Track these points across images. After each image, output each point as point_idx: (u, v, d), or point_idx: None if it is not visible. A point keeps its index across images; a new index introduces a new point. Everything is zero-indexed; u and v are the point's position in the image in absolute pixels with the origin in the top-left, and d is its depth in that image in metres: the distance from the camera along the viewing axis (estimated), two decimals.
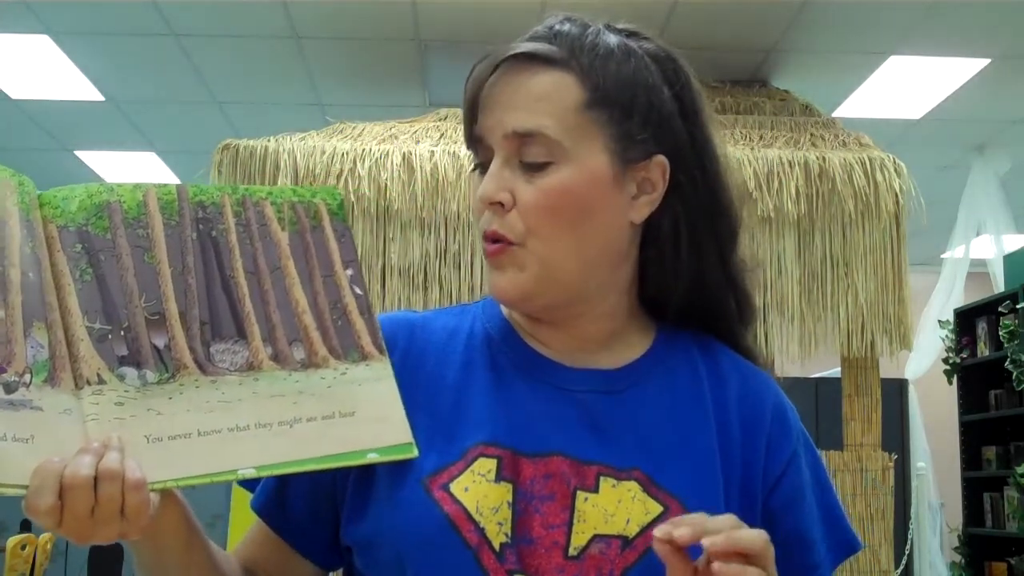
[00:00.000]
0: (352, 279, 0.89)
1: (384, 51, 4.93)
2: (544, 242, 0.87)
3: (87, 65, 5.10)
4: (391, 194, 3.83)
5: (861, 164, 3.95)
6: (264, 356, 0.83)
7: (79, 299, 0.79)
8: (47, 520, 0.71)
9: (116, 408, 0.77)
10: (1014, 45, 4.76)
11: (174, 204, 0.84)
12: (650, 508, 0.85)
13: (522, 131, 0.87)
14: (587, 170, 0.88)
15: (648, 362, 0.94)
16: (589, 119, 0.88)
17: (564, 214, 0.87)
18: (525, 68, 0.89)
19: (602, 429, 0.89)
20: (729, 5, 4.43)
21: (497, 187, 0.88)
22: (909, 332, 3.92)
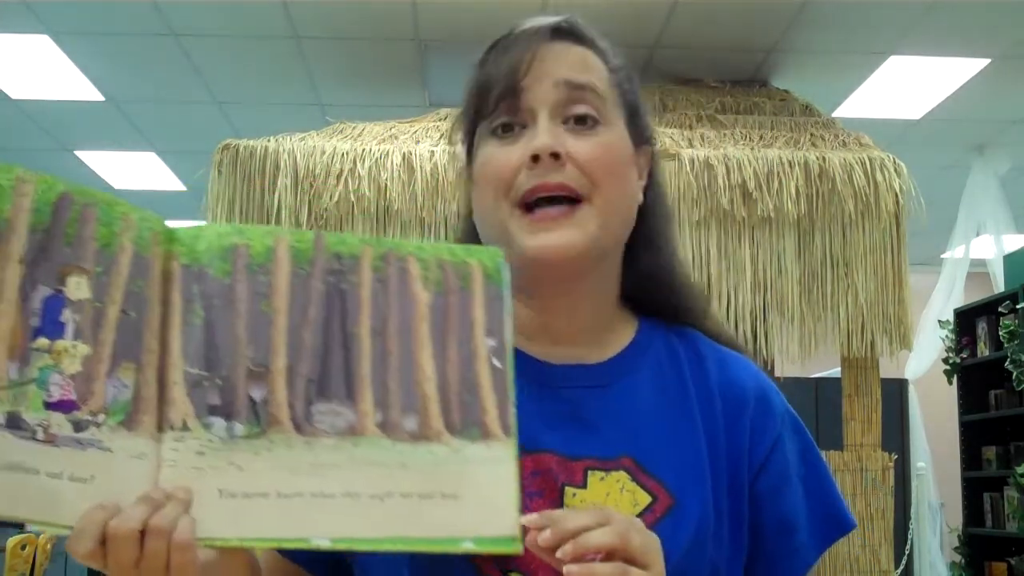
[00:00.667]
0: (493, 350, 0.81)
1: (384, 51, 4.93)
2: (606, 199, 0.88)
3: (87, 65, 5.10)
4: (391, 194, 3.83)
5: (861, 164, 3.95)
6: (370, 422, 0.77)
7: (183, 341, 0.76)
8: (90, 563, 0.70)
9: (195, 457, 0.74)
10: (1014, 45, 4.76)
11: (307, 252, 0.79)
12: (639, 499, 0.86)
13: (577, 82, 0.89)
14: (621, 136, 0.92)
15: (632, 354, 0.95)
16: (613, 92, 0.93)
17: (616, 172, 0.89)
18: (563, 40, 0.92)
19: (589, 423, 0.89)
20: (729, 5, 4.43)
21: (554, 139, 0.87)
22: (909, 332, 3.92)
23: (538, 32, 0.91)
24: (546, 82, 0.89)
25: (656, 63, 4.84)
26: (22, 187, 0.73)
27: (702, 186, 3.86)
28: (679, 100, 4.63)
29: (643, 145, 0.96)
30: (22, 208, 0.72)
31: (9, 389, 0.70)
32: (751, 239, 3.89)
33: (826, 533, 0.96)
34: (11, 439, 0.69)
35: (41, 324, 0.72)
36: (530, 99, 0.89)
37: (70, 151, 6.34)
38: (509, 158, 0.88)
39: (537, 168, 0.87)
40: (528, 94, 0.89)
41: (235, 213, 3.84)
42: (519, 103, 0.89)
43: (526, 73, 0.89)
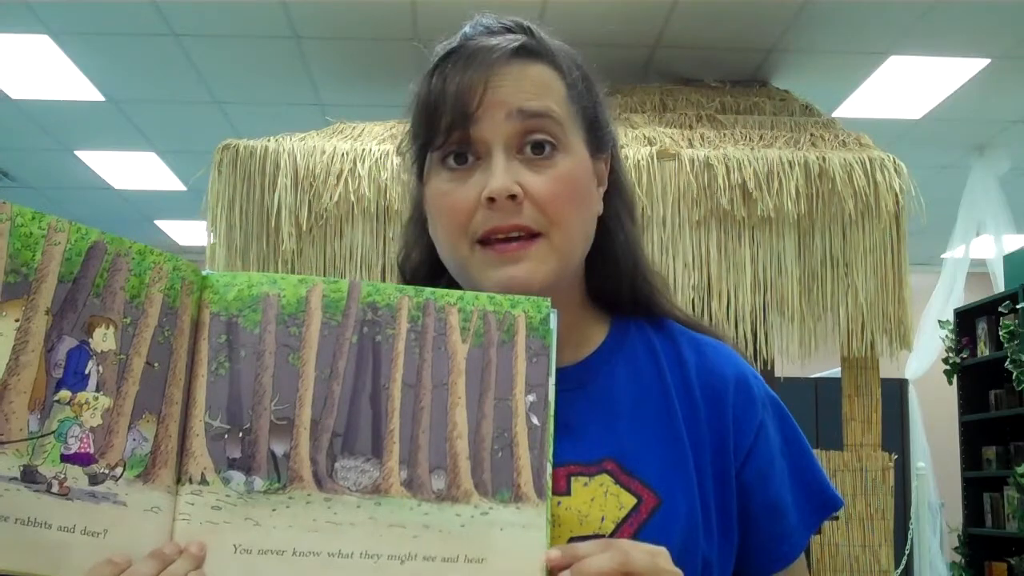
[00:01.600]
0: (532, 406, 0.78)
1: (384, 51, 4.93)
2: (564, 232, 0.87)
3: (87, 65, 5.10)
4: (391, 194, 3.83)
5: (861, 164, 3.95)
6: (396, 480, 0.75)
7: (207, 393, 0.75)
8: None
9: (211, 512, 0.73)
10: (1014, 45, 4.76)
11: (340, 302, 0.77)
12: (624, 501, 0.85)
13: (531, 111, 0.86)
14: (580, 159, 0.90)
15: (606, 352, 0.94)
16: (572, 111, 0.90)
17: (574, 203, 0.88)
18: (518, 59, 0.89)
19: (569, 427, 0.87)
20: (729, 5, 4.43)
21: (510, 179, 0.84)
22: (909, 332, 3.92)
23: (491, 53, 0.87)
24: (499, 113, 0.85)
25: (656, 63, 4.84)
26: (54, 236, 0.73)
27: (702, 186, 3.86)
28: (679, 100, 4.63)
29: (603, 153, 0.94)
30: (53, 257, 0.72)
31: (28, 441, 0.70)
32: (751, 239, 3.89)
33: (814, 514, 0.96)
34: (25, 492, 0.69)
35: (64, 376, 0.72)
36: (483, 131, 0.86)
37: (70, 151, 6.33)
38: (464, 196, 0.86)
39: (493, 209, 0.85)
40: (481, 125, 0.86)
41: (235, 213, 3.84)
42: (471, 134, 0.86)
43: (479, 104, 0.85)
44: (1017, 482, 5.22)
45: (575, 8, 4.21)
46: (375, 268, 3.81)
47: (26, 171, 6.51)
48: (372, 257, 3.82)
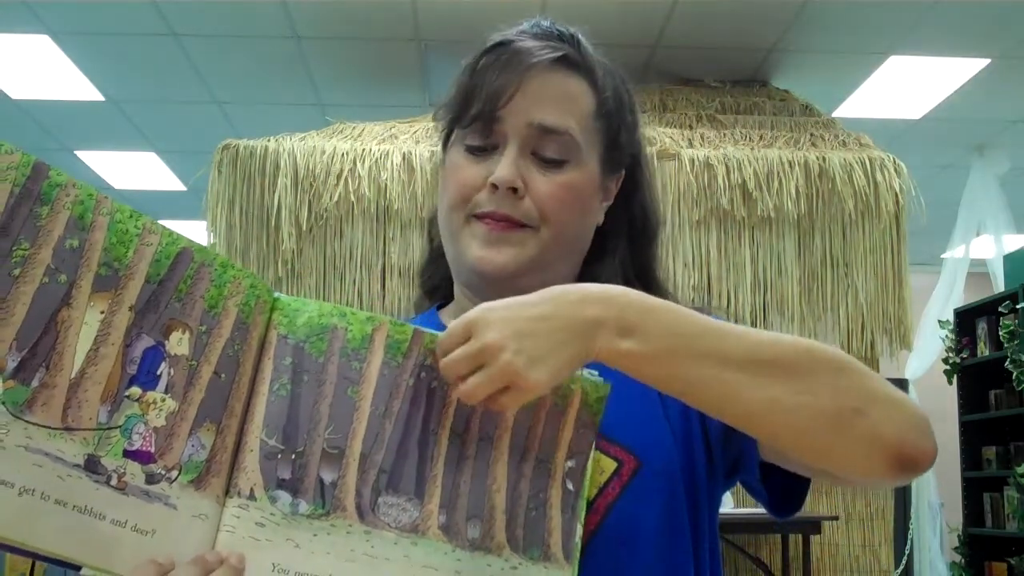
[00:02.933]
0: (570, 472, 0.81)
1: (384, 51, 4.93)
2: (553, 232, 0.92)
3: (87, 65, 5.10)
4: (391, 194, 3.83)
5: (861, 164, 3.95)
6: (434, 523, 0.77)
7: (266, 411, 0.77)
8: None
9: (255, 527, 0.75)
10: (1014, 45, 4.76)
11: (403, 344, 0.79)
12: (604, 466, 0.88)
13: (550, 127, 0.92)
14: (589, 173, 0.95)
15: None
16: (595, 127, 0.95)
17: (572, 209, 0.93)
18: (556, 68, 0.94)
19: None
20: (729, 5, 4.43)
21: (516, 173, 0.91)
22: (909, 332, 3.92)
23: (530, 57, 0.92)
24: (521, 118, 0.92)
25: (656, 63, 4.84)
26: (147, 236, 0.74)
27: (702, 186, 3.86)
28: (679, 100, 4.63)
29: (617, 172, 0.99)
30: (144, 257, 0.74)
31: (95, 431, 0.71)
32: (751, 239, 3.89)
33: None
34: (86, 481, 0.70)
35: (137, 373, 0.73)
36: (504, 128, 0.92)
37: (70, 151, 6.34)
38: (473, 175, 0.93)
39: (495, 195, 0.91)
40: (503, 123, 0.92)
41: (235, 213, 3.84)
42: (493, 128, 0.93)
43: (505, 104, 0.91)
44: (1017, 482, 5.22)
45: (575, 8, 4.21)
46: (375, 268, 3.81)
47: None
48: (372, 257, 3.83)
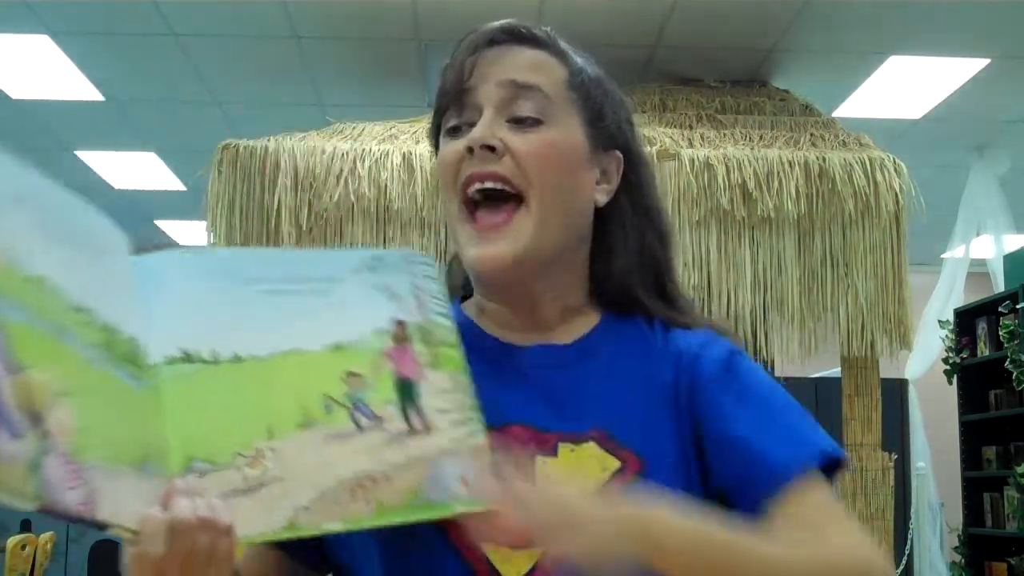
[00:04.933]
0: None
1: (384, 51, 4.93)
2: (541, 195, 0.91)
3: (87, 65, 5.10)
4: (391, 194, 3.83)
5: (861, 164, 3.95)
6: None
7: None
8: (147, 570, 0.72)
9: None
10: (1014, 45, 4.76)
11: None
12: (607, 464, 0.88)
13: (520, 82, 0.92)
14: (570, 136, 0.94)
15: (595, 335, 0.98)
16: (570, 97, 0.95)
17: (555, 169, 0.92)
18: (516, 42, 0.96)
19: (557, 402, 0.92)
20: (729, 5, 4.43)
21: (490, 132, 0.91)
22: (909, 332, 3.92)
23: (481, 36, 0.95)
24: (490, 81, 0.93)
25: (656, 63, 4.84)
26: None
27: (702, 186, 3.86)
28: (679, 100, 4.63)
29: (610, 149, 0.98)
30: None
31: None
32: (751, 239, 3.89)
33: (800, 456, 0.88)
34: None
35: None
36: (476, 97, 0.93)
37: (70, 151, 6.34)
38: (453, 150, 0.93)
39: (474, 159, 0.91)
40: (473, 94, 0.93)
41: (235, 213, 3.84)
42: (466, 102, 0.93)
43: (470, 75, 0.93)
44: (1017, 482, 5.22)
45: (575, 8, 4.21)
46: None
47: None
48: None
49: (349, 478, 0.79)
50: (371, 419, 0.83)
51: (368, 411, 0.83)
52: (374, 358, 0.85)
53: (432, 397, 0.85)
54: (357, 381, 0.84)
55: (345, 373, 0.84)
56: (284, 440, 0.79)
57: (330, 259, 0.91)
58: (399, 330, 0.87)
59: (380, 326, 0.87)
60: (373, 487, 0.80)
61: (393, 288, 0.89)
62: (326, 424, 0.81)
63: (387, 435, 0.82)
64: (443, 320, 0.90)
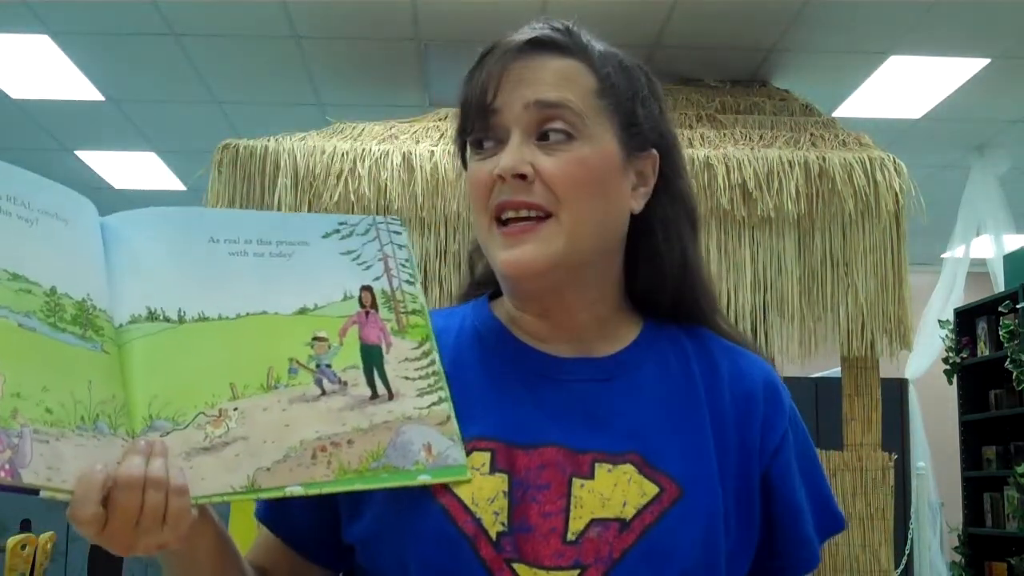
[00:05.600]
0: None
1: (384, 51, 4.93)
2: (573, 213, 0.88)
3: (87, 65, 5.10)
4: (391, 194, 3.83)
5: (861, 164, 3.94)
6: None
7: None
8: (89, 529, 0.72)
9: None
10: (1014, 45, 4.76)
11: None
12: (646, 489, 0.86)
13: (547, 102, 0.89)
14: (602, 150, 0.91)
15: (638, 348, 0.96)
16: (601, 105, 0.92)
17: (588, 187, 0.89)
18: (542, 53, 0.92)
19: (595, 416, 0.90)
20: (729, 5, 4.43)
21: (520, 159, 0.88)
22: (909, 332, 3.91)
23: (511, 48, 0.91)
24: (517, 103, 0.89)
25: (656, 63, 4.84)
26: None
27: (702, 186, 3.86)
28: (679, 100, 4.63)
29: (644, 151, 0.95)
30: None
31: None
32: (751, 239, 3.89)
33: (824, 528, 0.98)
34: None
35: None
36: (503, 119, 0.90)
37: (70, 151, 6.34)
38: (483, 174, 0.90)
39: (504, 186, 0.89)
40: (500, 115, 0.90)
41: None
42: (492, 123, 0.91)
43: (496, 95, 0.90)
44: (1017, 482, 5.22)
45: (575, 8, 4.20)
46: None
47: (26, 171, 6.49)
48: None
49: (311, 440, 0.80)
50: (335, 383, 0.83)
51: (333, 375, 0.83)
52: (340, 323, 0.85)
53: (398, 364, 0.86)
54: (323, 345, 0.84)
55: (311, 337, 0.84)
56: (248, 401, 0.80)
57: (297, 223, 0.90)
58: (366, 296, 0.87)
59: (347, 291, 0.87)
60: (334, 450, 0.80)
61: (361, 254, 0.89)
62: (290, 387, 0.81)
63: (351, 400, 0.82)
64: (411, 287, 0.90)
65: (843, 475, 3.91)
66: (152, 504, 0.72)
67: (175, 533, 0.74)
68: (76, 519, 0.71)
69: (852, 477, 3.93)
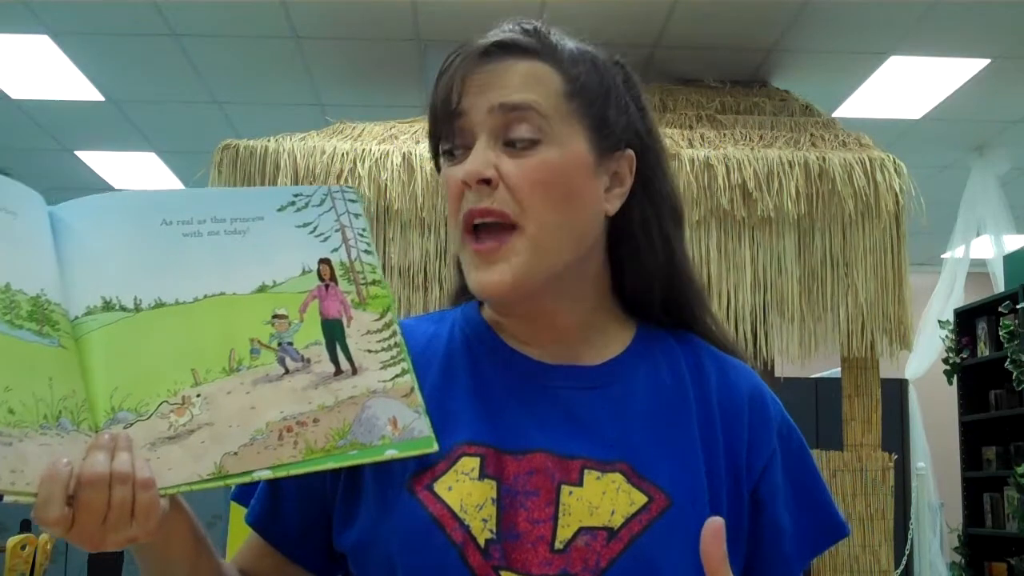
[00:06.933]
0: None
1: (384, 51, 4.93)
2: (538, 222, 0.87)
3: (87, 65, 5.10)
4: (391, 194, 3.83)
5: (861, 164, 3.94)
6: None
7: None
8: (56, 529, 0.71)
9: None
10: (1014, 45, 4.76)
11: None
12: (635, 499, 0.86)
13: (511, 104, 0.87)
14: (571, 153, 0.89)
15: (629, 357, 0.95)
16: (569, 107, 0.90)
17: (553, 191, 0.87)
18: (507, 55, 0.90)
19: (584, 424, 0.89)
20: (729, 5, 4.43)
21: (484, 163, 0.87)
22: (909, 332, 3.91)
23: (474, 52, 0.90)
24: (481, 107, 0.88)
25: (656, 63, 4.84)
26: None
27: (702, 186, 3.86)
28: (679, 100, 4.63)
29: (617, 151, 0.93)
30: None
31: None
32: (751, 239, 3.89)
33: (816, 541, 0.96)
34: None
35: None
36: (467, 123, 0.89)
37: (70, 151, 6.34)
38: (453, 181, 0.89)
39: (471, 193, 0.87)
40: (465, 119, 0.89)
41: None
42: (458, 127, 0.89)
43: (459, 100, 0.88)
44: (1017, 482, 5.22)
45: (575, 8, 4.21)
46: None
47: (26, 171, 6.51)
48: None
49: (277, 421, 0.78)
50: (298, 361, 0.81)
51: (295, 353, 0.82)
52: (300, 299, 0.84)
53: (360, 338, 0.84)
54: (283, 323, 0.82)
55: (271, 315, 0.82)
56: (211, 385, 0.78)
57: (251, 197, 0.88)
58: (324, 269, 0.86)
59: (306, 266, 0.85)
60: (301, 430, 0.79)
61: (318, 225, 0.87)
62: (253, 368, 0.80)
63: (315, 377, 0.81)
64: (370, 258, 0.88)
65: (843, 475, 3.91)
66: (119, 499, 0.71)
67: (145, 527, 0.73)
68: (41, 520, 0.70)
69: (852, 477, 3.93)
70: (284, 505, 0.92)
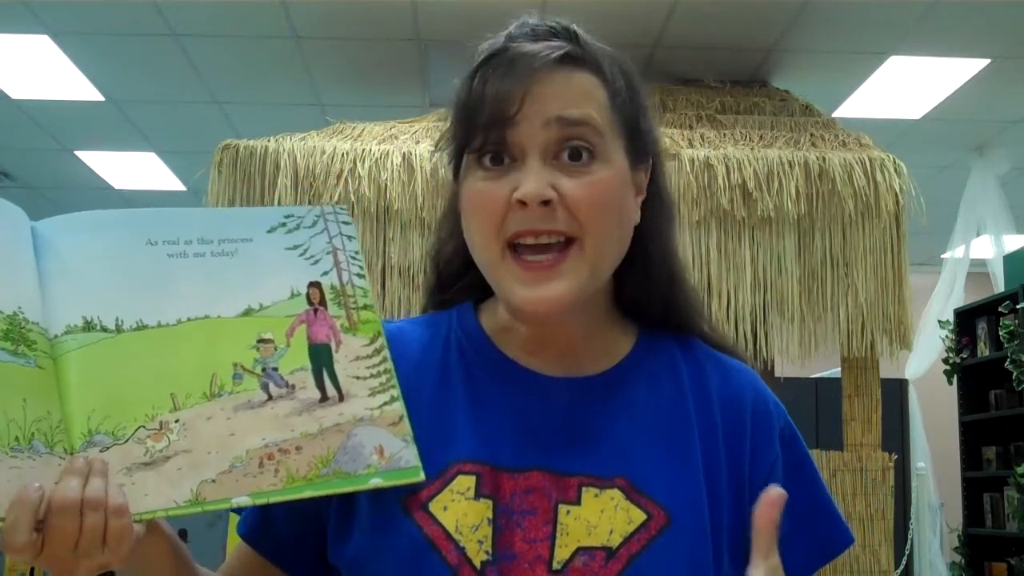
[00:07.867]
0: None
1: (384, 51, 4.93)
2: (596, 239, 0.85)
3: (87, 65, 5.10)
4: (391, 194, 3.82)
5: (861, 164, 3.94)
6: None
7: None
8: (23, 555, 0.69)
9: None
10: (1014, 45, 4.76)
11: None
12: (633, 517, 0.84)
13: (572, 119, 0.84)
14: (618, 167, 0.87)
15: (628, 366, 0.93)
16: (612, 119, 0.88)
17: (610, 211, 0.86)
18: (560, 65, 0.86)
19: (582, 438, 0.88)
20: (729, 5, 4.43)
21: (544, 184, 0.83)
22: (909, 332, 3.91)
23: (534, 60, 0.85)
24: (537, 120, 0.84)
25: (656, 63, 4.84)
26: None
27: (702, 186, 3.86)
28: (679, 100, 4.63)
29: (643, 162, 0.92)
30: None
31: None
32: (751, 239, 3.89)
33: (821, 552, 0.95)
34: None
35: None
36: (520, 135, 0.84)
37: (70, 151, 6.33)
38: (498, 196, 0.85)
39: (525, 212, 0.83)
40: (518, 130, 0.84)
41: None
42: (508, 138, 0.84)
43: (518, 110, 0.83)
44: (1017, 482, 5.22)
45: (575, 8, 4.20)
46: (375, 268, 3.81)
47: (26, 171, 6.50)
48: (372, 257, 3.82)
49: (258, 448, 0.77)
50: (282, 387, 0.80)
51: (279, 379, 0.80)
52: (287, 323, 0.82)
53: (348, 363, 0.82)
54: (268, 348, 0.81)
55: (256, 339, 0.81)
56: (190, 411, 0.77)
57: (241, 218, 0.86)
58: (314, 292, 0.84)
59: (295, 289, 0.83)
60: (282, 458, 0.77)
61: (309, 247, 0.85)
62: (235, 393, 0.78)
63: (299, 404, 0.79)
64: (362, 281, 0.86)
65: (843, 475, 3.91)
66: (90, 526, 0.69)
67: (117, 554, 0.71)
68: (8, 546, 0.68)
69: (852, 477, 3.93)
70: (276, 517, 0.91)
